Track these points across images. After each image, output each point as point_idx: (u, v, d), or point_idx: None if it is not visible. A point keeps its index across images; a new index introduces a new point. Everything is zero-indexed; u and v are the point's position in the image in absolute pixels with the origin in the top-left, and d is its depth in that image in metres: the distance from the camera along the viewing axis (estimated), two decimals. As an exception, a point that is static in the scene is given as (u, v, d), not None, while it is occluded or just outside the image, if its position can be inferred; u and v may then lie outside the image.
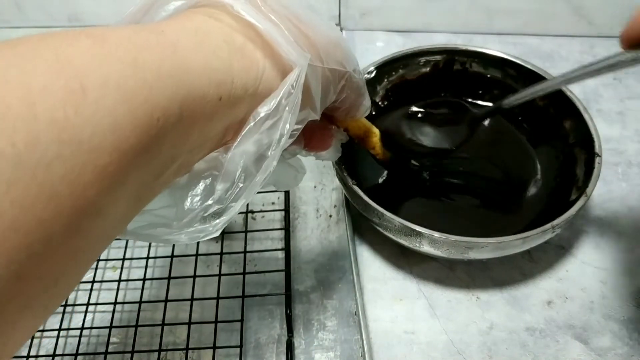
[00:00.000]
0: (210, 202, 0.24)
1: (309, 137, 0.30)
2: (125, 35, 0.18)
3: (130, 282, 0.41)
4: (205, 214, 0.24)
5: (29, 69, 0.16)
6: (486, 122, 0.48)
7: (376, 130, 0.37)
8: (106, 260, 0.42)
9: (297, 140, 0.27)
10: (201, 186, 0.24)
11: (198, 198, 0.24)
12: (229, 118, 0.22)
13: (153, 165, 0.19)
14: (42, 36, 0.17)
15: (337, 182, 0.47)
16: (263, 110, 0.22)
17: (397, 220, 0.36)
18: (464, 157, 0.46)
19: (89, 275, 0.41)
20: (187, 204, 0.24)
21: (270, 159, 0.24)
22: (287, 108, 0.23)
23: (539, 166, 0.45)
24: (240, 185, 0.24)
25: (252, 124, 0.22)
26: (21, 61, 0.16)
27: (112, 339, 0.38)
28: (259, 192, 0.45)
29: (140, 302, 0.39)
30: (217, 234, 0.25)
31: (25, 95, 0.15)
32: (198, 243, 0.42)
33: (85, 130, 0.16)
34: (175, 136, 0.19)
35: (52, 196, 0.15)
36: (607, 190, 0.46)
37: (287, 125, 0.23)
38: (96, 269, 0.42)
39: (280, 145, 0.23)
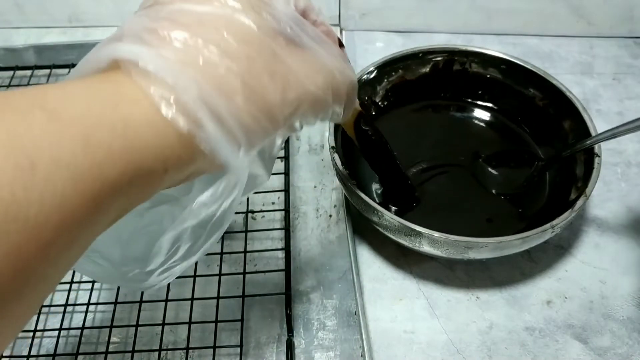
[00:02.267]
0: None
1: None
2: (79, 111, 0.18)
3: (130, 282, 0.41)
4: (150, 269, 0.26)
5: None
6: (487, 122, 0.49)
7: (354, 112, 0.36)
8: (106, 260, 0.42)
9: None
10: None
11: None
12: (178, 178, 0.22)
13: (99, 225, 0.20)
14: None
15: (337, 182, 0.47)
16: (201, 201, 0.24)
17: (397, 220, 0.36)
18: (464, 155, 0.46)
19: (89, 275, 0.42)
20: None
21: (212, 239, 0.25)
22: (225, 201, 0.24)
23: (539, 166, 0.45)
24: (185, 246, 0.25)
25: (189, 210, 0.24)
26: None
27: (113, 339, 0.38)
28: (259, 192, 0.45)
29: (141, 301, 0.39)
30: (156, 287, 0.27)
31: None
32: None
33: (32, 208, 0.16)
34: (122, 202, 0.20)
35: None
36: (607, 190, 0.46)
37: (229, 211, 0.24)
38: (96, 268, 0.42)
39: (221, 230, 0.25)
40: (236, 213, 0.45)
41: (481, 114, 0.49)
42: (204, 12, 0.22)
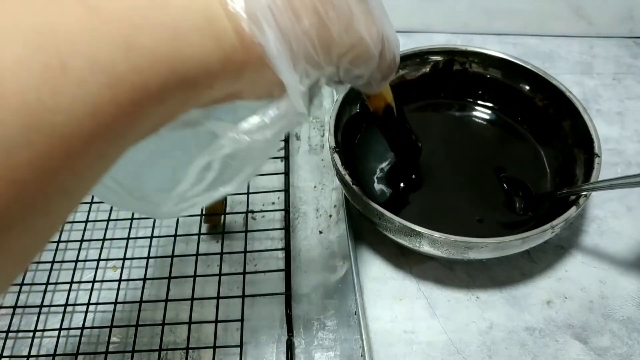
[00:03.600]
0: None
1: None
2: (123, 9, 0.16)
3: (130, 282, 0.41)
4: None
5: (2, 36, 0.14)
6: (487, 121, 0.49)
7: (388, 99, 0.36)
8: (107, 260, 0.42)
9: None
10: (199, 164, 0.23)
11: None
12: (223, 93, 0.21)
13: (131, 138, 0.18)
14: None
15: (337, 182, 0.47)
16: (245, 128, 0.22)
17: (397, 220, 0.36)
18: (464, 155, 0.46)
19: (89, 275, 0.42)
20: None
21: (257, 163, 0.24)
22: (270, 131, 0.22)
23: (539, 166, 0.45)
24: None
25: (230, 136, 0.22)
26: None
27: (113, 339, 0.38)
28: (259, 192, 0.45)
29: (141, 301, 0.39)
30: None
31: None
32: (198, 243, 0.42)
33: (60, 115, 0.14)
34: (159, 115, 0.18)
35: (15, 181, 0.14)
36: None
37: (272, 142, 0.23)
38: (97, 268, 0.42)
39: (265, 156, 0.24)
40: (236, 213, 0.45)
41: (481, 114, 0.49)
42: None
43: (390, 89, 0.34)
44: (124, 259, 0.42)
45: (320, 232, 0.44)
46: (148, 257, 0.42)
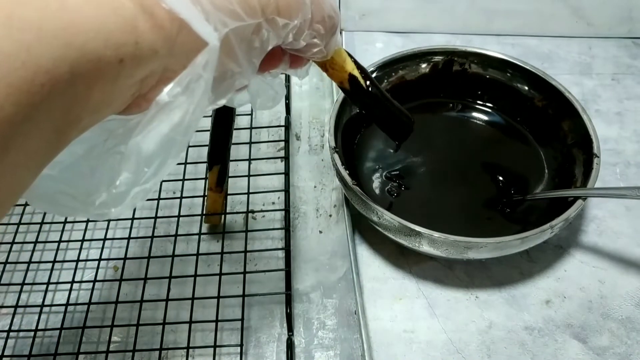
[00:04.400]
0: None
1: (294, 58, 0.28)
2: None
3: (131, 282, 0.41)
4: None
5: None
6: (486, 122, 0.49)
7: (348, 69, 0.33)
8: (107, 259, 0.42)
9: (282, 61, 0.26)
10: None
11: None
12: (138, 76, 0.19)
13: (42, 131, 0.17)
14: None
15: (337, 182, 0.47)
16: (167, 93, 0.20)
17: (397, 220, 0.36)
18: (464, 155, 0.46)
19: (90, 275, 0.42)
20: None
21: (179, 144, 0.21)
22: (195, 92, 0.20)
23: (538, 166, 0.45)
24: (147, 170, 0.22)
25: (153, 111, 0.20)
26: None
27: (114, 338, 0.38)
28: (259, 192, 0.46)
29: (142, 301, 0.39)
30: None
31: None
32: (199, 243, 0.42)
33: None
34: (69, 100, 0.17)
35: None
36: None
37: (195, 110, 0.21)
38: (97, 268, 0.42)
39: (189, 132, 0.21)
40: (236, 213, 0.45)
41: (480, 114, 0.49)
42: None
43: (350, 59, 0.33)
44: (125, 258, 0.42)
45: (320, 232, 0.44)
46: (149, 257, 0.42)
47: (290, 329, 0.38)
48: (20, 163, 0.17)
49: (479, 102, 0.50)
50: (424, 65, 0.49)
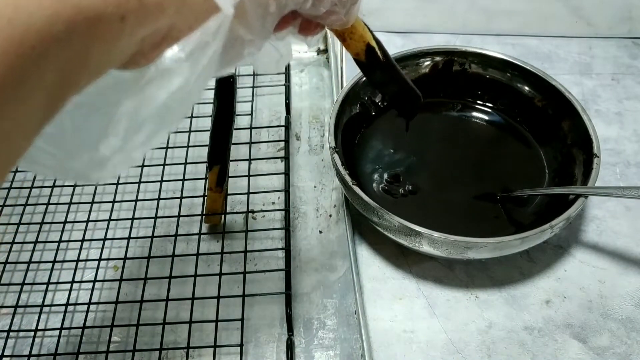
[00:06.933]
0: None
1: (305, 24, 0.27)
2: None
3: (131, 282, 0.41)
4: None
5: None
6: (486, 121, 0.49)
7: (367, 38, 0.33)
8: (107, 259, 0.42)
9: (291, 24, 0.25)
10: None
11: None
12: (141, 34, 0.18)
13: (35, 96, 0.16)
14: None
15: (337, 182, 0.47)
16: (169, 58, 0.19)
17: (397, 220, 0.36)
18: (464, 155, 0.46)
19: (90, 275, 0.42)
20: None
21: (176, 114, 0.20)
22: (200, 60, 0.19)
23: (538, 166, 0.45)
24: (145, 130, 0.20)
25: (152, 74, 0.19)
26: None
27: (114, 338, 0.38)
28: (259, 192, 0.46)
29: (142, 301, 0.39)
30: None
31: None
32: (199, 243, 0.42)
33: None
34: (65, 62, 0.16)
35: None
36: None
37: (198, 79, 0.19)
38: (97, 268, 0.42)
39: (189, 102, 0.20)
40: (236, 213, 0.45)
41: (480, 114, 0.49)
42: None
43: (367, 29, 0.32)
44: (125, 258, 0.42)
45: (320, 232, 0.44)
46: (149, 257, 0.42)
47: (290, 329, 0.38)
48: (13, 130, 0.16)
49: (479, 102, 0.50)
50: (424, 65, 0.49)
